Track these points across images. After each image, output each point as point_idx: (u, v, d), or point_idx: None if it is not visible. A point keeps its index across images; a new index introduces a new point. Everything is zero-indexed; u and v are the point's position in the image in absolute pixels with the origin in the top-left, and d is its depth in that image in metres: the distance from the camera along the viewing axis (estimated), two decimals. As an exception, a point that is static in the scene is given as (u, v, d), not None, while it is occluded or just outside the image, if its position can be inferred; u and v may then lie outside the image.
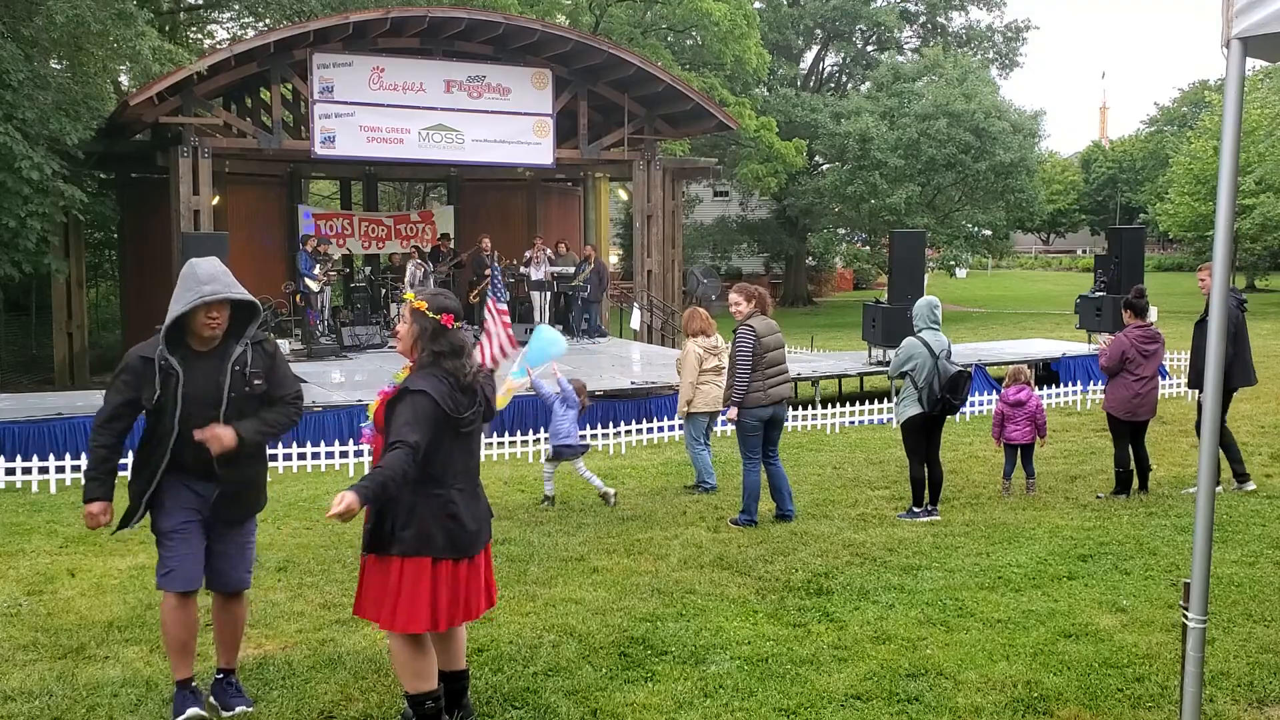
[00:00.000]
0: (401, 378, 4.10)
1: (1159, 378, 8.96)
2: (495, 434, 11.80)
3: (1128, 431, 8.43)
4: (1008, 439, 8.78)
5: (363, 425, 4.25)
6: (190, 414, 4.20)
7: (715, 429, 9.55)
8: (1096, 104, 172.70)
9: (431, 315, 4.06)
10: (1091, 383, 14.66)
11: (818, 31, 43.57)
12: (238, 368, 4.28)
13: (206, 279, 4.21)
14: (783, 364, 7.88)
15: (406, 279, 18.70)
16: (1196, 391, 8.70)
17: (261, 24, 26.51)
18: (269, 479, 4.67)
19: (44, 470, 10.47)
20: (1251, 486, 8.50)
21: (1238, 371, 8.30)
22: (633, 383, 14.01)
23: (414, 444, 3.86)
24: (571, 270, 20.08)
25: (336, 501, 3.69)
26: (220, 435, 4.19)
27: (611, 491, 8.62)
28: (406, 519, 3.97)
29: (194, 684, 4.43)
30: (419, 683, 4.05)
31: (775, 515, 7.92)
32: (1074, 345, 17.44)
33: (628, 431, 12.74)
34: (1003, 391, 9.02)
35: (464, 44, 18.92)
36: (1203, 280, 8.19)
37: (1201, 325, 7.86)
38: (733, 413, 7.77)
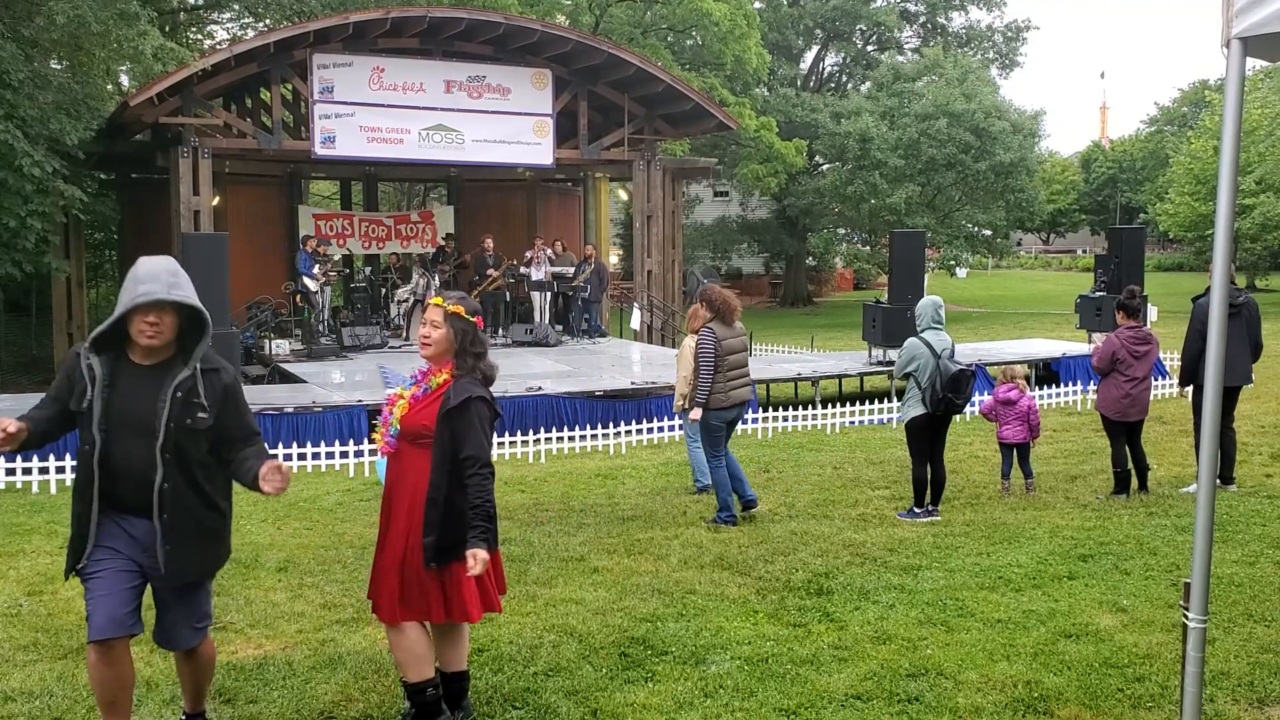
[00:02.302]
0: (437, 382, 4.03)
1: (1152, 378, 8.94)
2: (495, 435, 11.83)
3: (1122, 432, 8.43)
4: (1001, 438, 8.80)
5: (389, 436, 4.05)
6: (116, 433, 3.53)
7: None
8: (1096, 104, 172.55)
9: (470, 318, 4.06)
10: (1091, 383, 14.66)
11: (818, 31, 43.58)
12: (179, 394, 3.55)
13: (145, 278, 3.47)
14: (744, 367, 8.02)
15: (410, 288, 18.66)
16: (1185, 389, 8.72)
17: (261, 24, 26.50)
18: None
19: (44, 470, 10.48)
20: (1233, 489, 8.45)
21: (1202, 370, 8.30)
22: (633, 383, 14.01)
23: (491, 461, 3.94)
24: (571, 270, 20.08)
25: (472, 562, 3.78)
26: (280, 476, 3.73)
27: None
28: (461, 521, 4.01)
29: None
30: (421, 669, 4.07)
31: (742, 504, 7.98)
32: (1074, 345, 17.43)
33: (628, 431, 12.74)
34: (995, 388, 9.04)
35: (464, 44, 18.92)
36: None
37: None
38: (695, 413, 7.84)
